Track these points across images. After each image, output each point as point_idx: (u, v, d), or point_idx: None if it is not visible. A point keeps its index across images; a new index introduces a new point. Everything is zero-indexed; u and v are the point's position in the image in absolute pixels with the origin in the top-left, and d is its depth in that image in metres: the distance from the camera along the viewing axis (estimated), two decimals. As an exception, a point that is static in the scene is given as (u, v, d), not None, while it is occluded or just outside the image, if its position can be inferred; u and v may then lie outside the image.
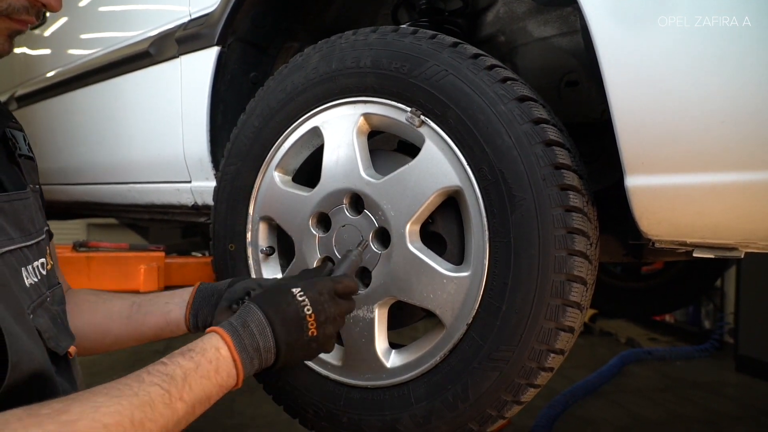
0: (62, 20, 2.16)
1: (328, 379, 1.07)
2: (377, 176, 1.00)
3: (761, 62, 0.69)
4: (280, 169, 1.14)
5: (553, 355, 0.88)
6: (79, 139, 2.07)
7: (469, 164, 0.90)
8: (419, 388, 0.96)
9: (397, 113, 0.98)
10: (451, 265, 0.95)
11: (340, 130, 1.05)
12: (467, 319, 0.91)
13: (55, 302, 0.86)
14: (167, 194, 1.70)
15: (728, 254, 0.83)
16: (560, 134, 0.89)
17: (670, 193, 0.78)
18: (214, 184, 1.27)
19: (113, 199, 2.02)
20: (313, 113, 1.08)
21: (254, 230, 1.18)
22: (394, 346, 1.04)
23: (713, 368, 4.27)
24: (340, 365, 1.06)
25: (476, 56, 0.93)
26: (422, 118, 0.95)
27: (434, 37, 0.97)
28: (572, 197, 0.85)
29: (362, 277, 1.03)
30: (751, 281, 4.08)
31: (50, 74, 2.20)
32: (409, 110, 0.96)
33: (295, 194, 1.11)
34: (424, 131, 0.95)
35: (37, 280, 0.81)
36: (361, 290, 1.00)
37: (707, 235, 0.81)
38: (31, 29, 0.85)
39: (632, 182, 0.81)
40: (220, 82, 1.41)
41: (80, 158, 2.08)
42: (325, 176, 1.06)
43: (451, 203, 0.96)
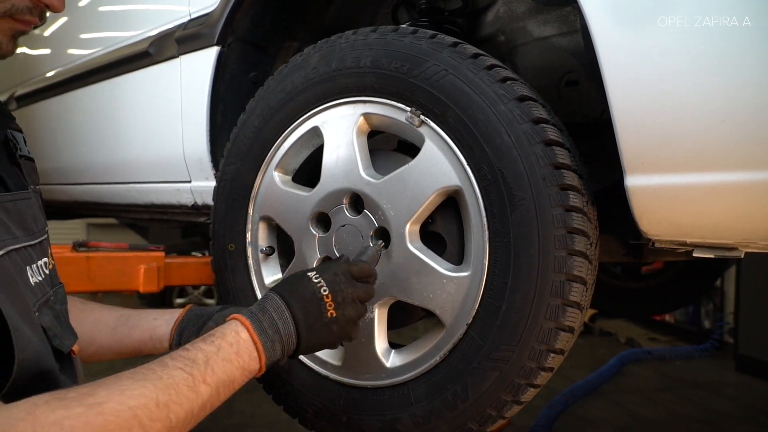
0: (62, 20, 2.15)
1: (327, 379, 1.07)
2: (377, 176, 1.00)
3: (761, 62, 0.68)
4: (279, 168, 1.14)
5: (552, 354, 0.88)
6: (78, 138, 2.07)
7: (468, 164, 0.90)
8: (419, 388, 0.96)
9: (396, 113, 0.98)
10: (450, 265, 0.95)
11: (339, 129, 1.05)
12: (467, 319, 0.91)
13: (58, 301, 0.86)
14: (167, 194, 1.70)
15: (728, 254, 0.83)
16: (560, 134, 0.89)
17: (670, 192, 0.78)
18: (213, 183, 1.27)
19: (113, 199, 2.02)
20: (312, 113, 1.08)
21: (254, 230, 1.18)
22: (393, 346, 1.04)
23: (713, 368, 4.28)
24: (339, 365, 1.06)
25: (476, 56, 0.93)
26: (422, 117, 0.95)
27: (434, 36, 0.97)
28: (572, 197, 0.85)
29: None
30: (751, 281, 4.08)
31: (50, 74, 2.20)
32: (408, 110, 0.96)
33: (294, 194, 1.11)
34: (423, 131, 0.95)
35: (41, 278, 0.81)
36: None
37: (707, 234, 0.81)
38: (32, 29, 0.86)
39: (632, 182, 0.81)
40: (219, 81, 1.41)
41: (80, 158, 2.08)
42: (324, 176, 1.06)
43: (450, 203, 0.96)
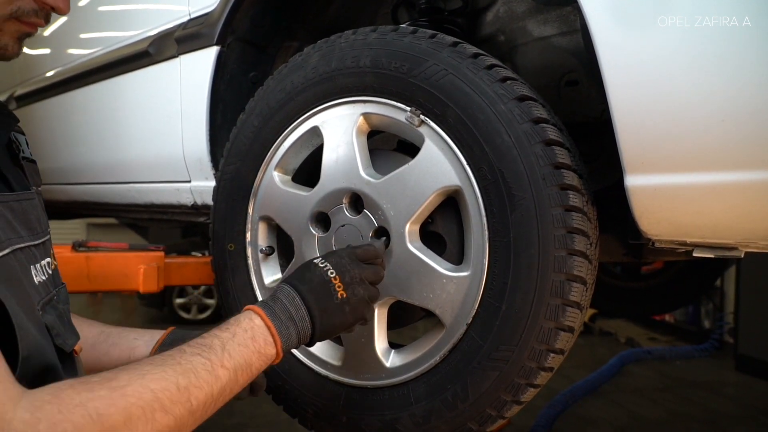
0: (62, 20, 2.15)
1: (327, 378, 1.07)
2: (377, 176, 1.00)
3: (761, 62, 0.68)
4: (279, 168, 1.14)
5: (552, 354, 0.88)
6: (78, 138, 2.07)
7: (468, 164, 0.90)
8: (419, 387, 0.96)
9: (396, 113, 0.98)
10: (450, 264, 0.95)
11: (339, 129, 1.05)
12: (467, 318, 0.91)
13: (61, 301, 0.87)
14: (167, 194, 1.70)
15: (728, 254, 0.83)
16: (560, 134, 0.89)
17: (669, 192, 0.78)
18: (213, 183, 1.27)
19: (113, 198, 2.02)
20: (312, 113, 1.08)
21: (254, 230, 1.18)
22: (393, 345, 1.04)
23: (713, 368, 4.28)
24: (339, 365, 1.06)
25: (476, 56, 0.93)
26: (422, 117, 0.95)
27: (434, 36, 0.97)
28: (572, 197, 0.85)
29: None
30: (750, 281, 4.09)
31: (50, 74, 2.20)
32: (408, 110, 0.96)
33: (294, 194, 1.11)
34: (423, 131, 0.95)
35: (44, 278, 0.82)
36: None
37: (707, 234, 0.81)
38: None
39: (632, 182, 0.81)
40: (219, 81, 1.41)
41: (80, 158, 2.08)
42: (324, 176, 1.06)
43: (450, 203, 0.96)
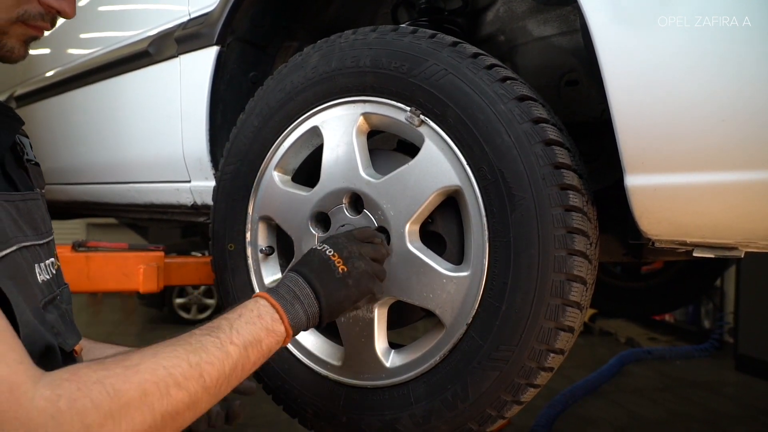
0: (61, 20, 2.15)
1: (327, 378, 1.07)
2: (377, 176, 1.00)
3: (761, 62, 0.68)
4: (279, 168, 1.14)
5: (552, 354, 0.88)
6: (78, 138, 2.07)
7: (468, 164, 0.90)
8: (419, 387, 0.96)
9: (396, 113, 0.98)
10: (450, 264, 0.95)
11: (339, 129, 1.05)
12: (467, 318, 0.91)
13: (64, 301, 0.88)
14: (166, 194, 1.70)
15: (728, 254, 0.83)
16: (560, 133, 0.89)
17: (670, 192, 0.78)
18: (213, 183, 1.27)
19: (112, 198, 2.02)
20: (312, 113, 1.08)
21: (253, 230, 1.18)
22: (393, 345, 1.04)
23: (713, 367, 4.28)
24: (339, 365, 1.06)
25: (476, 55, 0.93)
26: (422, 117, 0.95)
27: (434, 36, 0.97)
28: (572, 197, 0.85)
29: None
30: (750, 281, 4.09)
31: (50, 74, 2.20)
32: (408, 110, 0.96)
33: (294, 194, 1.11)
34: (423, 131, 0.95)
35: (48, 277, 0.83)
36: None
37: (707, 234, 0.81)
38: None
39: (632, 182, 0.81)
40: (219, 81, 1.41)
41: (79, 158, 2.08)
42: (324, 176, 1.06)
43: (450, 203, 0.96)
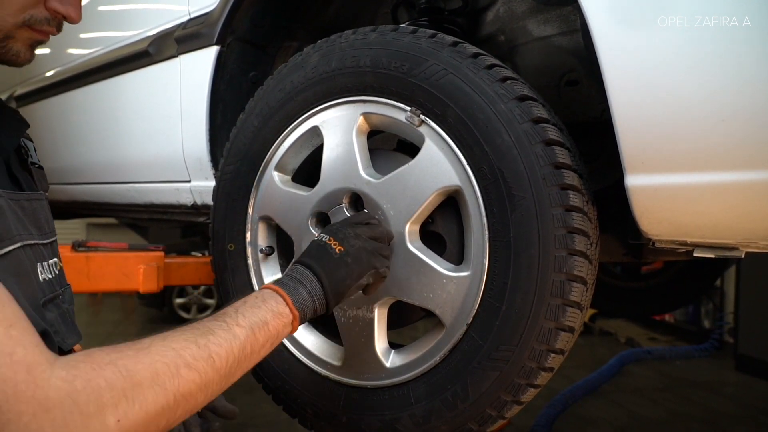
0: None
1: (327, 378, 1.07)
2: (377, 176, 1.00)
3: (761, 62, 0.68)
4: (279, 168, 1.14)
5: (553, 355, 0.87)
6: (78, 138, 2.07)
7: (468, 164, 0.90)
8: (419, 387, 0.96)
9: (396, 112, 0.98)
10: (450, 264, 0.95)
11: (339, 129, 1.05)
12: (467, 319, 0.91)
13: (66, 301, 0.88)
14: (166, 194, 1.70)
15: (729, 254, 0.83)
16: (560, 133, 0.89)
17: (670, 192, 0.78)
18: (213, 183, 1.27)
19: (112, 198, 2.02)
20: (312, 113, 1.08)
21: (253, 230, 1.18)
22: (393, 345, 1.04)
23: (713, 367, 4.28)
24: (339, 365, 1.06)
25: (476, 55, 0.93)
26: (422, 117, 0.95)
27: (434, 36, 0.97)
28: (572, 197, 0.85)
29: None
30: (750, 281, 4.08)
31: (49, 73, 2.20)
32: (408, 109, 0.96)
33: (294, 194, 1.11)
34: (423, 130, 0.95)
35: (51, 276, 0.83)
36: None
37: (708, 234, 0.80)
38: None
39: (632, 181, 0.81)
40: (219, 81, 1.41)
41: (79, 158, 2.08)
42: (324, 176, 1.06)
43: (450, 203, 0.96)
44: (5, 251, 0.70)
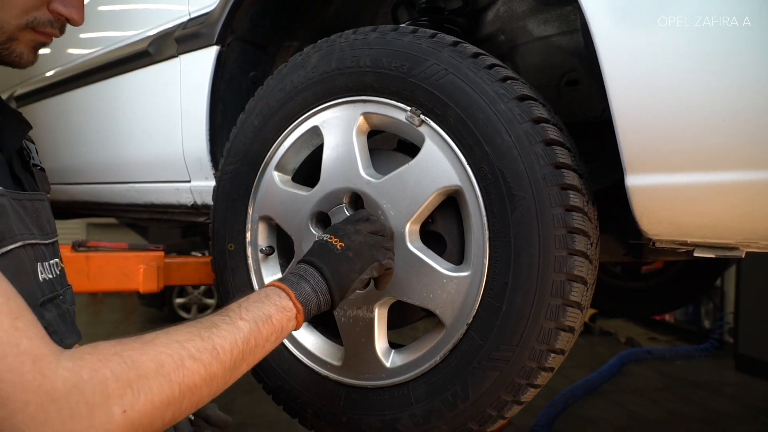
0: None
1: (327, 378, 1.07)
2: (377, 176, 1.00)
3: (761, 62, 0.68)
4: (279, 168, 1.14)
5: (553, 355, 0.87)
6: (78, 138, 2.07)
7: (469, 163, 0.90)
8: (419, 387, 0.96)
9: (396, 112, 0.98)
10: (451, 264, 0.95)
11: (339, 129, 1.04)
12: (467, 319, 0.91)
13: (66, 301, 0.89)
14: (166, 194, 1.70)
15: (729, 254, 0.83)
16: (560, 133, 0.89)
17: (670, 192, 0.78)
18: (213, 183, 1.27)
19: (112, 198, 2.02)
20: (312, 112, 1.08)
21: (254, 230, 1.18)
22: (393, 345, 1.04)
23: (713, 367, 4.28)
24: (339, 365, 1.06)
25: (476, 55, 0.93)
26: (422, 117, 0.95)
27: (434, 36, 0.96)
28: (572, 196, 0.85)
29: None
30: (751, 280, 4.08)
31: (49, 73, 2.20)
32: (408, 109, 0.96)
33: (294, 194, 1.11)
34: (423, 130, 0.95)
35: (51, 276, 0.84)
36: (360, 290, 0.99)
37: (708, 234, 0.80)
38: None
39: (633, 181, 0.81)
40: (219, 81, 1.41)
41: (79, 158, 2.08)
42: (324, 176, 1.06)
43: (451, 203, 0.96)
44: (6, 250, 0.70)
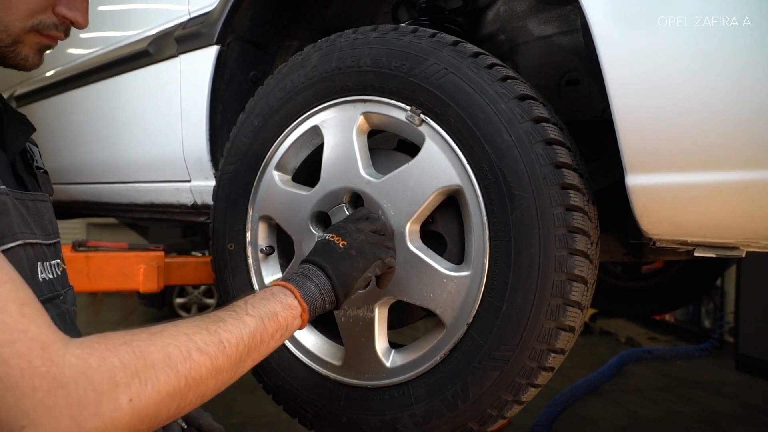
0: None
1: (327, 378, 1.07)
2: (377, 175, 1.00)
3: (762, 62, 0.68)
4: (279, 168, 1.14)
5: (553, 354, 0.87)
6: (78, 138, 2.06)
7: (469, 163, 0.90)
8: (419, 387, 0.96)
9: (397, 112, 0.98)
10: (451, 264, 0.95)
11: (339, 129, 1.04)
12: (467, 318, 0.91)
13: (67, 302, 0.89)
14: (167, 193, 1.70)
15: (729, 253, 0.83)
16: (561, 133, 0.89)
17: (671, 192, 0.78)
18: (213, 183, 1.27)
19: (113, 198, 2.02)
20: (312, 112, 1.08)
21: (254, 230, 1.18)
22: (394, 345, 1.04)
23: (713, 367, 4.27)
24: (339, 365, 1.06)
25: (476, 55, 0.93)
26: (422, 116, 0.95)
27: (434, 35, 0.96)
28: (573, 196, 0.85)
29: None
30: (751, 280, 4.08)
31: (49, 73, 2.20)
32: (409, 109, 0.96)
33: (294, 193, 1.11)
34: (424, 130, 0.95)
35: (52, 277, 0.84)
36: (362, 289, 0.99)
37: (708, 234, 0.80)
38: None
39: (633, 181, 0.81)
40: (219, 81, 1.41)
41: (79, 157, 2.08)
42: (324, 175, 1.06)
43: (451, 202, 0.96)
44: (6, 248, 0.70)
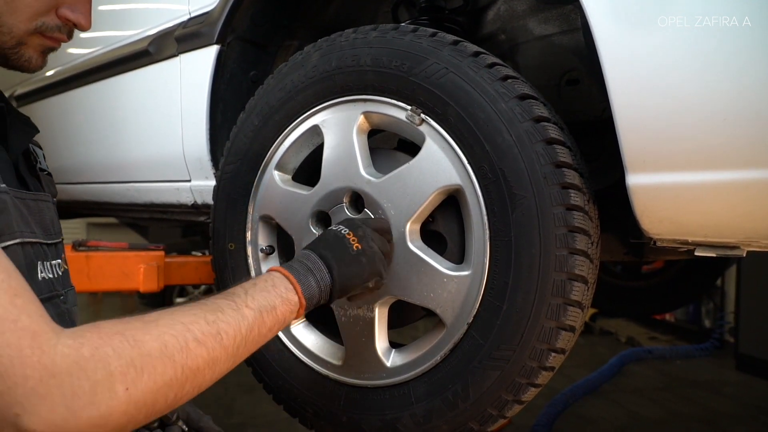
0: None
1: (328, 378, 1.07)
2: (377, 175, 1.00)
3: (762, 62, 0.68)
4: (279, 167, 1.14)
5: (554, 354, 0.87)
6: (78, 138, 2.07)
7: (469, 163, 0.90)
8: (420, 387, 0.96)
9: (397, 111, 0.98)
10: (451, 264, 0.95)
11: (340, 128, 1.04)
12: (468, 318, 0.90)
13: (68, 302, 0.89)
14: (167, 193, 1.70)
15: (730, 253, 0.83)
16: (561, 132, 0.89)
17: (671, 191, 0.78)
18: (213, 183, 1.27)
19: (113, 198, 2.02)
20: (312, 112, 1.08)
21: (254, 229, 1.18)
22: (394, 345, 1.04)
23: (713, 367, 4.27)
24: (340, 364, 1.06)
25: (477, 54, 0.93)
26: (422, 116, 0.95)
27: (434, 35, 0.96)
28: (573, 196, 0.85)
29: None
30: (751, 280, 4.08)
31: (49, 73, 2.20)
32: (409, 108, 0.96)
33: (294, 193, 1.11)
34: (424, 129, 0.95)
35: (52, 276, 0.84)
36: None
37: (709, 233, 0.80)
38: None
39: (633, 180, 0.80)
40: (219, 80, 1.41)
41: (80, 157, 2.08)
42: (324, 175, 1.06)
43: (451, 202, 0.96)
44: (3, 245, 0.70)
